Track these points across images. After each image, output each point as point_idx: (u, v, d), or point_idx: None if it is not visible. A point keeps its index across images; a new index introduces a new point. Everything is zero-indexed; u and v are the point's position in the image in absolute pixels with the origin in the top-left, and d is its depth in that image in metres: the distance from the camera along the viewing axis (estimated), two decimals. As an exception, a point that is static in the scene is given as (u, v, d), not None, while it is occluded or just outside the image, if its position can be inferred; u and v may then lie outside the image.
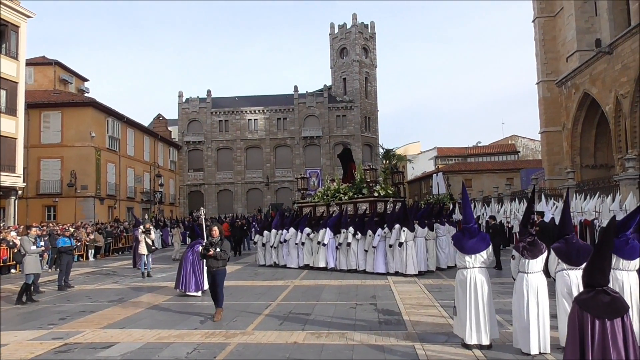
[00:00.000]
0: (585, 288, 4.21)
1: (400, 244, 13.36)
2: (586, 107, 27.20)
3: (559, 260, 6.02)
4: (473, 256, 6.28)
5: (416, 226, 13.83)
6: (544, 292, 5.97)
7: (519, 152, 58.65)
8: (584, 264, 5.85)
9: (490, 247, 6.43)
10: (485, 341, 6.18)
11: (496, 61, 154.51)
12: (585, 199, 17.09)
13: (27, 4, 26.53)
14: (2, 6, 24.10)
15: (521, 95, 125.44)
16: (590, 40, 27.35)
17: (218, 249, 8.46)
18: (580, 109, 27.55)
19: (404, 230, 13.34)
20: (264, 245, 17.60)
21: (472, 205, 27.73)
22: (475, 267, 6.28)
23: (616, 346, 3.71)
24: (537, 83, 33.74)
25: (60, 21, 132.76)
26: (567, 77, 28.18)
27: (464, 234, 6.47)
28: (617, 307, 3.79)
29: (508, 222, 22.86)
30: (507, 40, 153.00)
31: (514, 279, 6.23)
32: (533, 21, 34.03)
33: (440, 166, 54.92)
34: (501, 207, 26.56)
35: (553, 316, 6.17)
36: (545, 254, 6.06)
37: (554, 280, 6.20)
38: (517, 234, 20.63)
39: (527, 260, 5.97)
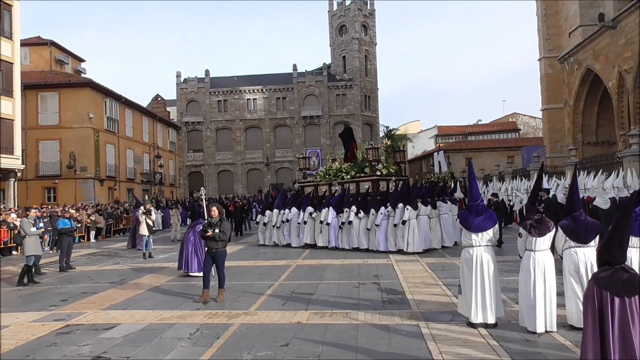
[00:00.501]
0: (601, 266, 4.11)
1: (404, 222, 13.31)
2: (589, 83, 26.87)
3: (567, 238, 5.92)
4: (480, 234, 6.17)
5: (419, 204, 13.77)
6: (551, 270, 5.89)
7: (520, 129, 58.38)
8: (592, 242, 5.81)
9: (497, 225, 6.33)
10: (491, 320, 6.12)
11: (497, 38, 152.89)
12: (587, 175, 16.97)
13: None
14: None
15: (522, 72, 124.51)
16: (593, 14, 26.87)
17: (217, 230, 8.31)
18: (583, 85, 27.21)
19: (407, 209, 13.29)
20: (265, 225, 17.59)
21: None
22: (481, 245, 6.18)
23: (635, 323, 3.65)
24: (539, 59, 33.25)
25: (54, 1, 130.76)
26: (569, 52, 27.78)
27: (470, 212, 6.35)
28: (635, 284, 3.71)
29: (509, 200, 22.79)
30: (509, 16, 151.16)
31: (521, 257, 6.14)
32: (536, -4, 33.41)
33: (440, 145, 54.70)
34: (502, 184, 26.49)
35: (559, 294, 6.10)
36: (553, 231, 5.96)
37: (561, 257, 6.11)
38: (518, 212, 20.61)
39: (534, 238, 5.86)
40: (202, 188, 12.66)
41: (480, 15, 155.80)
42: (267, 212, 17.64)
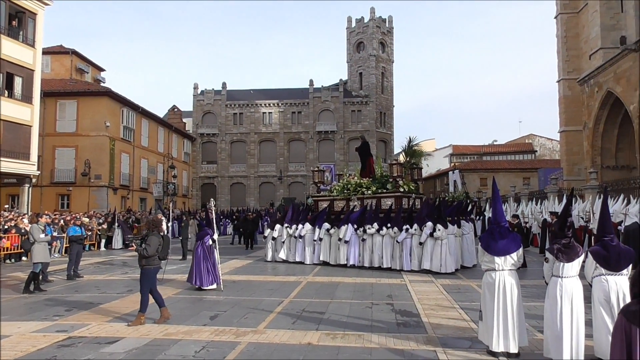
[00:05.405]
0: (634, 298, 3.79)
1: (431, 235, 13.20)
2: (609, 106, 26.44)
3: (597, 265, 5.57)
4: (503, 258, 5.85)
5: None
6: (579, 298, 5.51)
7: (536, 151, 57.65)
8: (625, 269, 5.45)
9: (522, 249, 5.99)
10: (513, 349, 5.76)
11: (514, 59, 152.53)
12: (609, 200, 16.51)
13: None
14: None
15: (539, 93, 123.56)
16: (615, 37, 26.58)
17: (144, 245, 7.69)
18: (603, 108, 26.79)
19: (439, 228, 13.06)
20: (274, 239, 16.93)
21: (488, 205, 27.23)
22: (505, 269, 5.85)
23: None
24: (558, 81, 32.91)
25: (77, 11, 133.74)
26: (590, 75, 27.41)
27: (492, 234, 6.03)
28: None
29: (526, 223, 22.30)
30: (527, 37, 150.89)
31: (547, 283, 5.79)
32: (555, 17, 33.21)
33: (455, 164, 54.15)
34: (518, 206, 26.00)
35: (587, 324, 5.73)
36: (582, 257, 5.61)
37: (590, 285, 5.75)
38: (536, 235, 20.10)
39: (561, 263, 5.52)
40: (212, 200, 12.48)
41: (499, 36, 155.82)
42: (277, 226, 16.99)
